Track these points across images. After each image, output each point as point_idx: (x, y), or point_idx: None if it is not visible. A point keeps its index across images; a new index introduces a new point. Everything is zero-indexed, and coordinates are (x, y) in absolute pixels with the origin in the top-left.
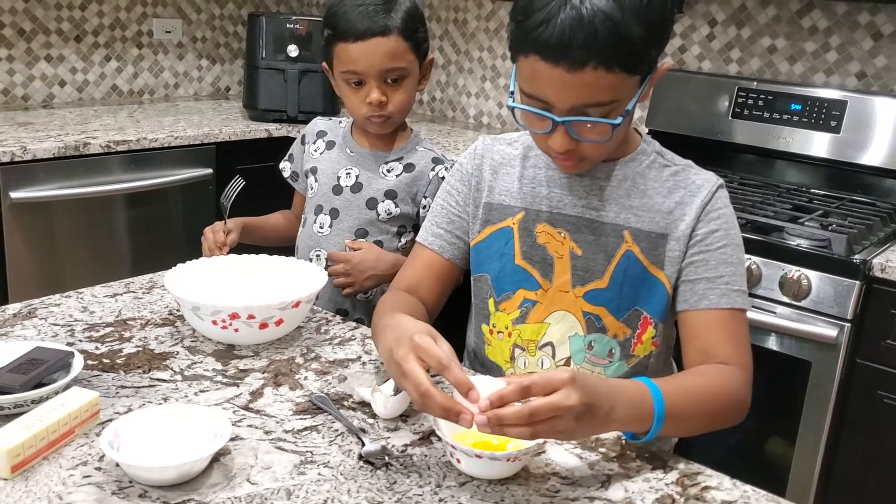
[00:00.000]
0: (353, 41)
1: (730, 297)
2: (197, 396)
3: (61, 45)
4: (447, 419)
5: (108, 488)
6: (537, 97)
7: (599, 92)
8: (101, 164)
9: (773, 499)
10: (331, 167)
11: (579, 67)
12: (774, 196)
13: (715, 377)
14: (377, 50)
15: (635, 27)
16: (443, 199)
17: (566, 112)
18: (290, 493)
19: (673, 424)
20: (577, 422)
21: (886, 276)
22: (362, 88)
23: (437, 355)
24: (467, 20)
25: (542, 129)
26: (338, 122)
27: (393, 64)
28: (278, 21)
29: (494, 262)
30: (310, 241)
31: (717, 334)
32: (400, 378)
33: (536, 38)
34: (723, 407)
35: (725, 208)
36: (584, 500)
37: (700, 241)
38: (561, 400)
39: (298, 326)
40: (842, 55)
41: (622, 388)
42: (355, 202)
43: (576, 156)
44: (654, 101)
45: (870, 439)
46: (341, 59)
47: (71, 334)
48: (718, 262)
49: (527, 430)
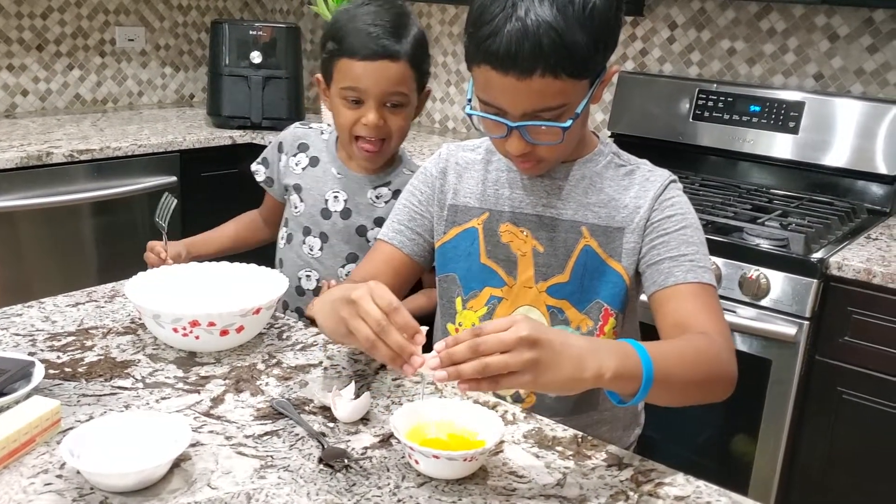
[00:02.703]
0: (360, 59)
1: (696, 273)
2: (158, 403)
3: (23, 54)
4: (396, 361)
5: (69, 495)
6: (492, 104)
7: (549, 97)
8: (64, 174)
9: (724, 493)
10: (316, 187)
11: (527, 76)
12: (735, 197)
13: (698, 341)
14: (384, 73)
15: (579, 35)
16: (405, 199)
17: (519, 117)
18: (250, 497)
19: (662, 386)
20: (536, 362)
21: (843, 275)
22: (359, 108)
23: (390, 298)
24: (431, 25)
25: (499, 134)
26: (319, 133)
27: (396, 88)
28: (241, 28)
29: (461, 262)
30: (299, 261)
31: (690, 306)
32: (352, 318)
33: (487, 49)
34: (711, 373)
35: (679, 197)
36: (539, 498)
37: (657, 227)
38: (509, 332)
39: (261, 333)
40: (799, 57)
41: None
42: (345, 229)
43: (533, 158)
44: (616, 105)
45: (830, 435)
46: (343, 75)
47: (32, 344)
48: (679, 243)
49: (479, 364)
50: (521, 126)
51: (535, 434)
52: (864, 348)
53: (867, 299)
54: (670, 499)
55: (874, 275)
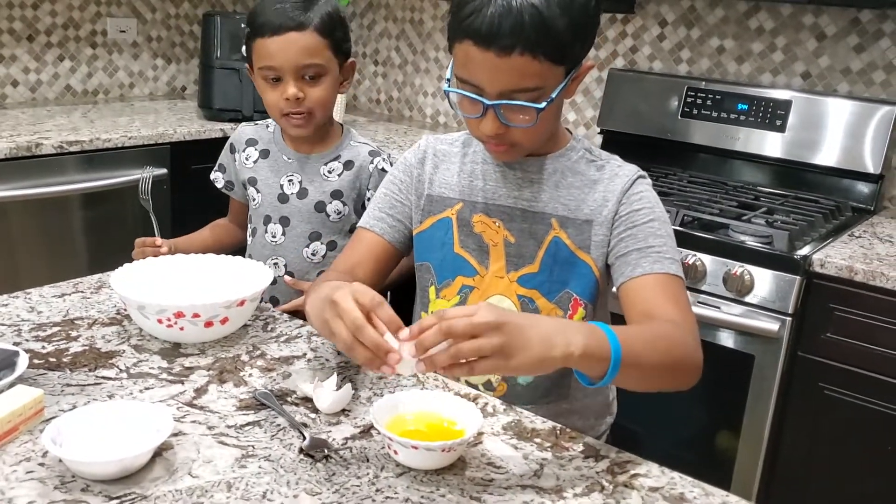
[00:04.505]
0: (269, 36)
1: (663, 264)
2: (142, 394)
3: (13, 44)
4: (373, 362)
5: (51, 483)
6: (470, 81)
7: (526, 78)
8: (54, 165)
9: (697, 484)
10: (271, 177)
11: (507, 53)
12: (721, 194)
13: (666, 328)
14: (293, 45)
15: (560, 19)
16: (385, 187)
17: (495, 96)
18: (230, 486)
19: (631, 369)
20: (506, 344)
21: (826, 272)
22: (279, 85)
23: (373, 294)
24: (423, 20)
25: (474, 114)
26: (265, 127)
27: (309, 60)
28: (233, 20)
29: (436, 252)
30: (264, 251)
31: (657, 296)
32: (333, 319)
33: (469, 25)
34: (678, 360)
35: (647, 192)
36: (516, 488)
37: (624, 220)
38: (476, 317)
39: (245, 324)
40: (787, 55)
41: (560, 319)
42: (304, 208)
43: (506, 141)
44: (606, 102)
45: (811, 430)
46: (259, 55)
47: (18, 334)
48: (647, 235)
49: (453, 350)
50: (497, 105)
51: (514, 426)
52: (845, 345)
53: (849, 296)
54: (645, 489)
55: (856, 272)
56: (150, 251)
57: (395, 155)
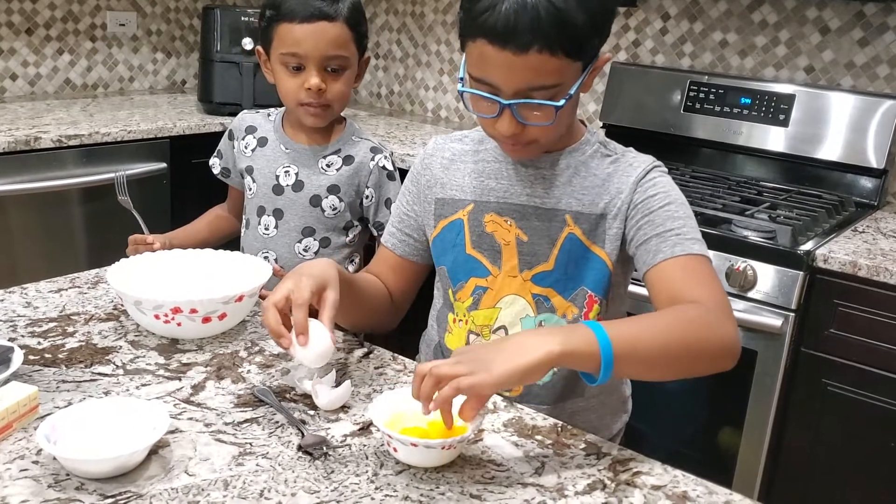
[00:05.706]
0: (298, 22)
1: (683, 245)
2: (139, 390)
3: (12, 38)
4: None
5: (45, 481)
6: (485, 81)
7: (543, 75)
8: (53, 159)
9: (700, 482)
10: (267, 166)
11: (524, 51)
12: (724, 189)
13: (682, 310)
14: (323, 35)
15: (578, 14)
16: (398, 199)
17: (512, 95)
18: (227, 484)
19: (632, 359)
20: (480, 358)
21: (829, 267)
22: (300, 74)
23: (302, 296)
24: (425, 13)
25: (490, 114)
26: (266, 116)
27: (336, 52)
28: (233, 14)
29: (448, 255)
30: (256, 244)
31: (680, 279)
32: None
33: (483, 23)
34: (699, 340)
35: (661, 178)
36: (517, 486)
37: (640, 207)
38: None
39: (244, 320)
40: (791, 49)
41: (532, 329)
42: (298, 201)
43: (522, 140)
44: (608, 96)
45: (814, 426)
46: (283, 40)
47: (13, 329)
48: (664, 219)
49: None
50: (514, 104)
51: (516, 423)
52: (849, 340)
53: (853, 292)
54: (647, 487)
55: (860, 267)
56: (144, 249)
57: (396, 150)
